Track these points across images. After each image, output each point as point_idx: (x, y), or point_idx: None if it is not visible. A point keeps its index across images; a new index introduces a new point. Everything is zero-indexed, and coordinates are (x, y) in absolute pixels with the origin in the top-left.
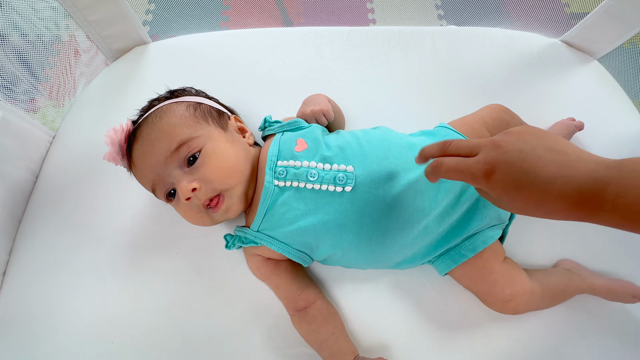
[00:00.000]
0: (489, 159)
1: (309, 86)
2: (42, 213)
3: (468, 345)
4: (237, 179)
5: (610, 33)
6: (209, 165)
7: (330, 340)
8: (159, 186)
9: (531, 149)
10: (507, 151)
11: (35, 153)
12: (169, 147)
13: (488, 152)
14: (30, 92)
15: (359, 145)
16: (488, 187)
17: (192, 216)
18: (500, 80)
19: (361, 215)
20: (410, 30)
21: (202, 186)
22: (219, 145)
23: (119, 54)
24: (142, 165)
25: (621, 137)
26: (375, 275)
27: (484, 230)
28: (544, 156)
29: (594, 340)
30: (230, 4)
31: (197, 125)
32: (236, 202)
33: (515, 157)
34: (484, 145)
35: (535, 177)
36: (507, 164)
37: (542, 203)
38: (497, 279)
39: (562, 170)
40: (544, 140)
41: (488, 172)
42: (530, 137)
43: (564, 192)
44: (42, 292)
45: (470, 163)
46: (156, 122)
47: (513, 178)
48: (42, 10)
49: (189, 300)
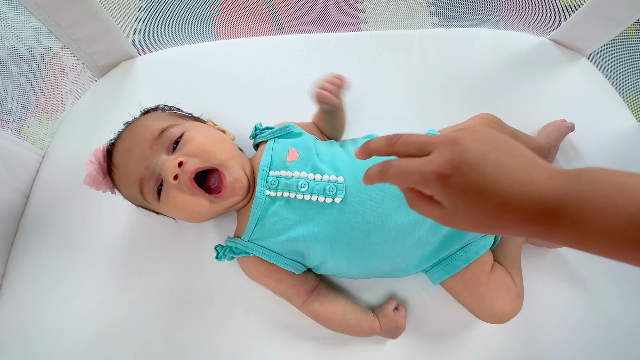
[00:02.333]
0: (446, 159)
1: (298, 94)
2: (33, 234)
3: (464, 351)
4: (226, 154)
5: (598, 30)
6: (192, 143)
7: (349, 303)
8: (147, 182)
9: (491, 149)
10: (466, 150)
11: (25, 174)
12: (152, 135)
13: (444, 151)
14: (17, 112)
15: (349, 156)
16: (442, 192)
17: (186, 204)
18: (490, 82)
19: (352, 227)
20: (399, 34)
21: (188, 160)
22: (200, 129)
23: (106, 70)
24: (126, 162)
25: (612, 134)
26: (370, 283)
27: (476, 241)
28: (503, 160)
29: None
30: (221, 9)
31: (175, 119)
32: (239, 177)
33: (475, 158)
34: (438, 142)
35: (495, 183)
36: (467, 165)
37: (502, 215)
38: (484, 293)
39: (522, 176)
40: (503, 142)
41: (444, 175)
42: (490, 137)
43: (524, 203)
44: (36, 314)
45: (422, 163)
46: (134, 124)
47: (473, 182)
48: (24, 30)
49: (183, 315)
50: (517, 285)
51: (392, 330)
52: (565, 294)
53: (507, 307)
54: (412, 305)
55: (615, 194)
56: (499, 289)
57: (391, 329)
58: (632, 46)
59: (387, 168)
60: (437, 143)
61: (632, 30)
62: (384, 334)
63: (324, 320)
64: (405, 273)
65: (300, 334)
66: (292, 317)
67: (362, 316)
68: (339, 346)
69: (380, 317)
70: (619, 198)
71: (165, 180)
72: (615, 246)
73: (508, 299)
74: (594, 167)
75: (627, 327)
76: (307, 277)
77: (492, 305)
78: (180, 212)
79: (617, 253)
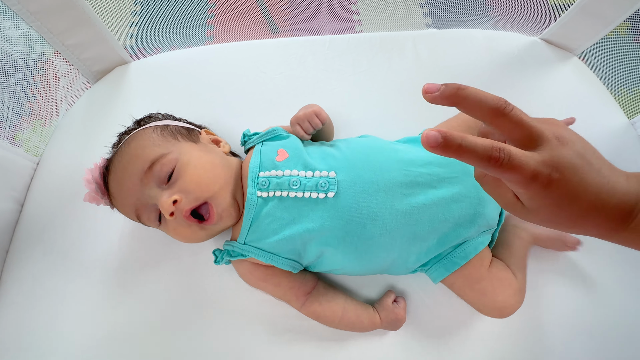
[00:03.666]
0: (556, 161)
1: (292, 97)
2: (29, 242)
3: (462, 349)
4: (218, 184)
5: (588, 30)
6: (185, 176)
7: (349, 300)
8: (143, 211)
9: (584, 152)
10: (572, 153)
11: (19, 182)
12: (142, 168)
13: (554, 151)
14: (11, 119)
15: (341, 152)
16: (537, 198)
17: (183, 233)
18: (483, 82)
19: (346, 220)
20: (392, 35)
21: (183, 197)
22: (192, 155)
23: (100, 75)
24: (119, 194)
25: (603, 131)
26: (368, 281)
27: (474, 237)
28: (594, 163)
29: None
30: (215, 12)
31: (167, 143)
32: (227, 207)
33: (576, 161)
34: (547, 138)
35: (587, 188)
36: (571, 170)
37: (586, 218)
38: (485, 287)
39: (606, 181)
40: (589, 144)
41: (550, 181)
42: (579, 138)
43: (607, 205)
44: (32, 322)
45: (537, 163)
46: (125, 150)
47: (572, 188)
48: (17, 37)
49: (181, 320)
50: (518, 280)
51: (393, 323)
52: (565, 292)
53: (509, 300)
54: (410, 298)
55: None
56: (500, 283)
57: (391, 321)
58: (622, 44)
59: (503, 154)
60: (547, 139)
61: (622, 28)
62: (385, 327)
63: (324, 320)
64: (404, 269)
65: (299, 337)
66: (291, 320)
67: (362, 312)
68: (338, 347)
69: (380, 310)
70: None
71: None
72: None
73: (510, 292)
74: None
75: (631, 327)
76: (305, 278)
77: (494, 299)
78: (181, 239)
79: None
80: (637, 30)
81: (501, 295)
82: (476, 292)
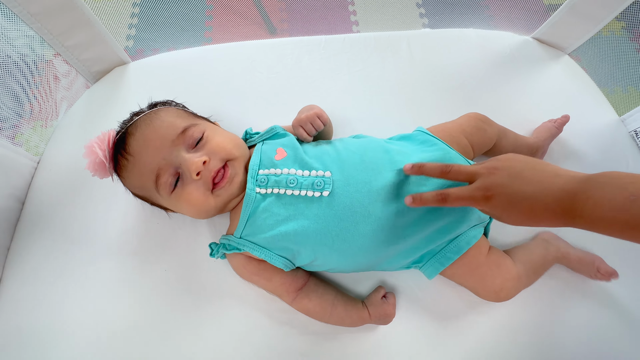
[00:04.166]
0: (486, 185)
1: (288, 97)
2: (29, 240)
3: (456, 342)
4: (240, 151)
5: (578, 29)
6: (213, 141)
7: (339, 296)
8: (164, 172)
9: (519, 171)
10: (500, 176)
11: (20, 180)
12: (175, 132)
13: (485, 179)
14: (12, 119)
15: (336, 152)
16: (489, 209)
17: (195, 199)
18: (476, 81)
19: (340, 218)
20: (386, 35)
21: (211, 158)
22: (217, 129)
23: (99, 76)
24: (144, 152)
25: (594, 128)
26: (361, 278)
27: (466, 231)
28: (528, 176)
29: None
30: (213, 13)
31: (194, 119)
32: (239, 172)
33: (506, 180)
34: (480, 173)
35: (524, 194)
36: (502, 187)
37: (533, 215)
38: (485, 272)
39: (543, 186)
40: (527, 163)
41: (487, 197)
42: (516, 162)
43: (547, 205)
44: (33, 318)
45: (471, 190)
46: (154, 117)
47: (508, 198)
48: (17, 38)
49: (179, 314)
50: (517, 268)
51: (382, 318)
52: (565, 292)
53: (506, 284)
54: (404, 294)
55: (609, 190)
56: (498, 267)
57: (380, 316)
58: (612, 42)
59: (446, 197)
60: (480, 173)
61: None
62: (375, 322)
63: (314, 315)
64: (397, 265)
65: (295, 331)
66: (287, 314)
67: (351, 307)
68: (334, 341)
69: (369, 305)
70: (611, 192)
71: (186, 176)
72: (614, 228)
73: (507, 276)
74: (605, 172)
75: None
76: (296, 275)
77: (492, 282)
78: (191, 207)
79: (617, 233)
80: (631, 30)
81: (499, 279)
82: (476, 277)
